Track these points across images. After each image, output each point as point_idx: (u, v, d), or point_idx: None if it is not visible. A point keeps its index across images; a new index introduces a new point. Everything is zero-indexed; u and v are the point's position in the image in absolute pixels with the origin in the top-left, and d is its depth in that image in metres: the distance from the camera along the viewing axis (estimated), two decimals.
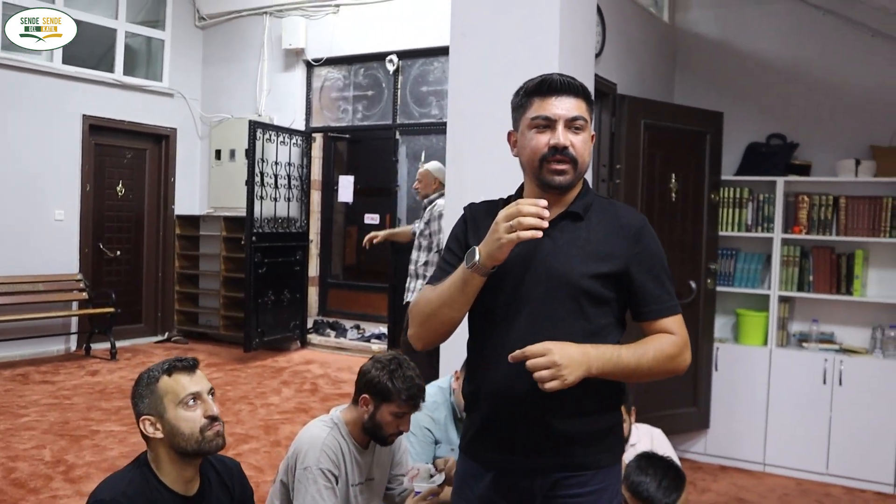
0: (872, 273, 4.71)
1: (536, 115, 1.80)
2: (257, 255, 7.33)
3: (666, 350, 1.77)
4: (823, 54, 4.85)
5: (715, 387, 4.82)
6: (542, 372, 1.61)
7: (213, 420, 1.98)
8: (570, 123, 1.78)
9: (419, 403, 2.55)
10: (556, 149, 1.77)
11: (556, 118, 1.78)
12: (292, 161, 7.95)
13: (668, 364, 1.78)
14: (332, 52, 8.02)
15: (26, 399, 5.77)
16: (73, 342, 7.74)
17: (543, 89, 1.81)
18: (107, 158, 8.12)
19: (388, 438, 2.56)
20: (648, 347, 1.77)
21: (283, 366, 7.23)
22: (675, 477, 2.59)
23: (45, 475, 4.20)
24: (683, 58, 5.27)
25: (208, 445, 1.98)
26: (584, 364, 1.65)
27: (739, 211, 4.86)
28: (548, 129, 1.79)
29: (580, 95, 1.81)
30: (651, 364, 1.75)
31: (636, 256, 1.80)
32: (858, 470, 4.49)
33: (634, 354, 1.74)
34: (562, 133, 1.77)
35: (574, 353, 1.65)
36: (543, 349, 1.63)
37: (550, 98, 1.79)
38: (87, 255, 7.84)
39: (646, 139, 4.43)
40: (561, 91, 1.79)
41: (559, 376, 1.61)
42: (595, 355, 1.68)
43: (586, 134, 1.81)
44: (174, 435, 1.95)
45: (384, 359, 2.58)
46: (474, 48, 3.65)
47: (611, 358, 1.70)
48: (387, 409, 2.50)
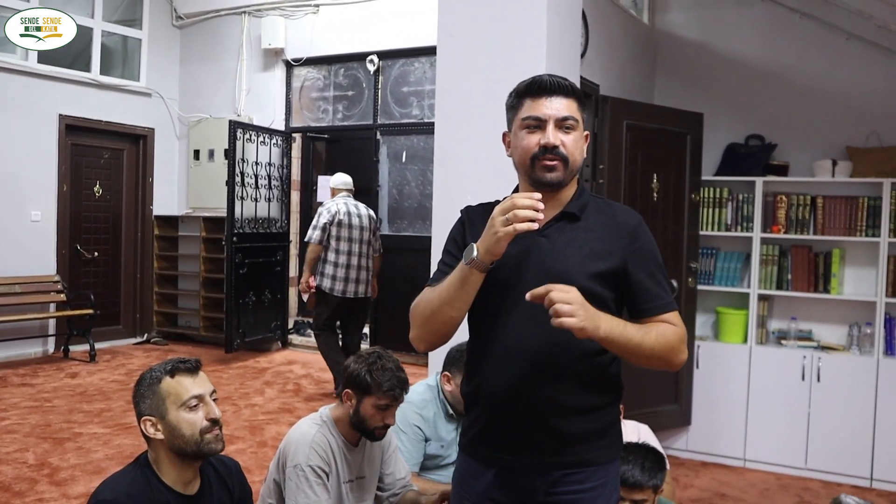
0: (849, 271, 4.80)
1: (527, 115, 1.84)
2: (238, 256, 7.30)
3: (668, 337, 1.80)
4: (801, 56, 4.94)
5: (696, 384, 4.89)
6: (562, 305, 1.60)
7: (214, 423, 1.99)
8: (561, 123, 1.82)
9: (400, 395, 2.55)
10: (547, 148, 1.80)
11: (546, 118, 1.81)
12: (272, 161, 7.93)
13: (668, 352, 1.80)
14: (312, 52, 8.00)
15: (6, 402, 5.71)
16: (50, 344, 7.67)
17: (534, 90, 1.85)
18: (84, 159, 8.05)
19: (375, 432, 2.57)
20: (652, 330, 1.79)
21: (265, 366, 7.22)
22: (655, 458, 2.64)
23: (30, 478, 4.17)
24: (663, 59, 5.34)
25: (208, 448, 1.99)
26: (596, 318, 1.66)
27: (719, 210, 4.93)
28: (538, 129, 1.82)
29: (571, 95, 1.85)
30: (653, 346, 1.76)
31: (633, 254, 1.84)
32: (836, 464, 4.58)
33: (639, 332, 1.76)
34: (552, 133, 1.81)
35: (590, 307, 1.66)
36: (569, 287, 1.65)
37: (541, 98, 1.83)
38: (64, 257, 7.77)
39: (628, 139, 4.48)
40: (551, 91, 1.83)
41: (577, 314, 1.61)
42: (605, 318, 1.69)
43: (577, 133, 1.84)
44: (174, 437, 1.96)
45: (365, 353, 2.61)
46: (461, 49, 3.67)
47: (618, 325, 1.72)
48: (369, 402, 2.52)
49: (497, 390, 1.84)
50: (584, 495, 1.84)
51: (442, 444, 3.17)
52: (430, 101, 7.40)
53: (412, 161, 7.73)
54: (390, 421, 2.57)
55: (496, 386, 1.85)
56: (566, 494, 1.84)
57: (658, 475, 2.58)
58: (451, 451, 3.18)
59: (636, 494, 2.47)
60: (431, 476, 3.12)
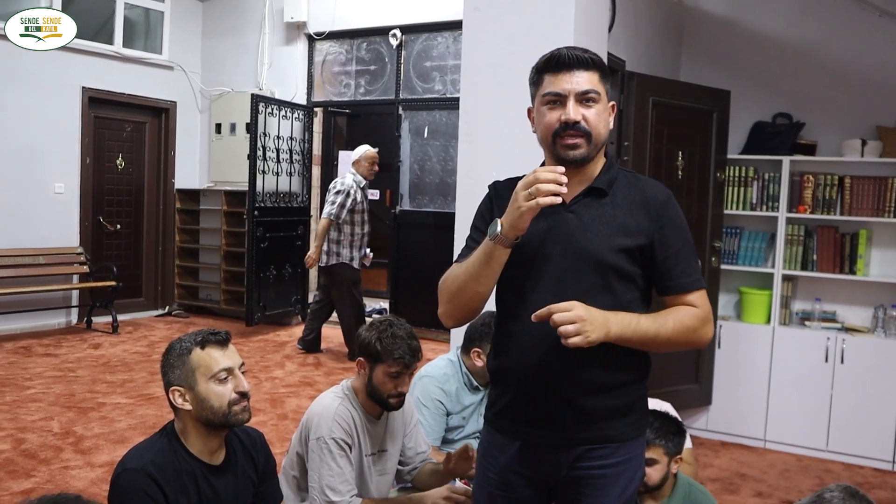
0: (875, 253, 4.74)
1: (547, 91, 1.81)
2: (259, 230, 7.32)
3: (686, 322, 1.79)
4: (831, 33, 4.85)
5: (717, 364, 4.86)
6: (567, 327, 1.63)
7: (243, 396, 2.00)
8: (582, 97, 1.79)
9: (411, 362, 2.52)
10: (567, 124, 1.78)
11: (566, 93, 1.78)
12: (294, 136, 7.93)
13: (689, 336, 1.80)
14: (335, 25, 7.97)
15: (31, 371, 5.79)
16: (73, 315, 7.75)
17: (552, 65, 1.82)
18: (106, 131, 8.08)
19: (390, 401, 2.54)
20: (668, 318, 1.78)
21: (286, 340, 7.26)
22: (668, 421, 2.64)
23: (55, 446, 4.23)
24: (690, 35, 5.27)
25: (235, 419, 2.00)
26: (604, 325, 1.68)
27: (744, 189, 4.88)
28: (559, 105, 1.80)
29: (591, 67, 1.81)
30: (670, 334, 1.77)
31: (660, 231, 1.82)
32: (858, 446, 4.55)
33: (654, 324, 1.76)
34: (572, 108, 1.78)
35: (596, 314, 1.68)
36: (569, 305, 1.66)
37: (560, 73, 1.80)
38: (87, 229, 7.83)
39: (653, 117, 4.43)
40: (570, 65, 1.79)
41: (583, 332, 1.64)
42: (614, 320, 1.71)
43: (600, 106, 1.81)
44: (203, 408, 1.97)
45: (377, 321, 2.60)
46: (488, 23, 3.63)
47: (629, 324, 1.73)
48: (380, 369, 2.51)
49: (522, 366, 1.84)
50: (608, 471, 1.84)
51: (464, 417, 3.18)
52: (453, 76, 7.35)
53: (434, 136, 7.69)
54: (403, 388, 2.54)
55: (521, 362, 1.84)
56: (589, 470, 1.83)
57: (672, 439, 2.57)
58: (470, 423, 3.19)
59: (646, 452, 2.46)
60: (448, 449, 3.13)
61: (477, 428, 3.17)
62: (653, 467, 2.53)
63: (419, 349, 2.56)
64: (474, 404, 3.19)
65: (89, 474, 3.88)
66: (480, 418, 3.16)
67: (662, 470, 2.57)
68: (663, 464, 2.57)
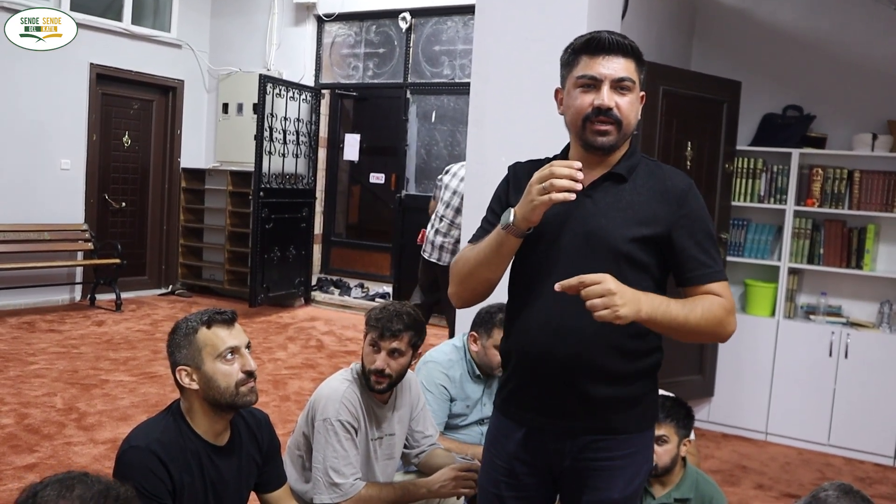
0: (883, 248, 4.73)
1: (582, 73, 1.76)
2: (264, 211, 7.32)
3: (715, 311, 1.73)
4: (843, 26, 4.81)
5: (721, 356, 4.86)
6: (595, 300, 1.56)
7: (250, 375, 2.00)
8: (617, 84, 1.74)
9: (386, 333, 2.45)
10: (600, 109, 1.74)
11: (602, 78, 1.74)
12: (301, 117, 7.91)
13: (715, 327, 1.75)
14: (344, 7, 7.94)
15: (34, 347, 5.80)
16: (77, 292, 7.76)
17: (592, 47, 1.76)
18: (113, 109, 8.07)
19: (371, 377, 2.48)
20: (697, 305, 1.73)
21: (288, 322, 7.27)
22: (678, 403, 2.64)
23: (58, 422, 4.24)
24: (701, 25, 5.23)
25: (242, 400, 1.99)
26: (636, 302, 1.60)
27: (753, 181, 4.86)
28: (593, 89, 1.75)
29: (630, 55, 1.76)
30: (698, 321, 1.71)
31: (679, 221, 1.78)
32: (859, 441, 4.55)
33: (683, 309, 1.70)
34: (607, 94, 1.74)
35: (627, 291, 1.60)
36: (600, 277, 1.58)
37: (598, 57, 1.75)
38: (92, 206, 7.83)
39: (663, 106, 4.40)
40: (609, 50, 1.75)
41: (612, 305, 1.55)
42: (646, 299, 1.63)
43: (633, 95, 1.78)
44: (209, 388, 1.97)
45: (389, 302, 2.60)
46: (500, 7, 3.60)
47: (660, 305, 1.66)
48: (366, 340, 2.50)
49: (530, 352, 1.82)
50: (613, 463, 1.82)
51: (467, 405, 3.18)
52: (462, 60, 7.32)
53: (441, 121, 7.67)
54: (379, 364, 2.46)
55: (530, 347, 1.82)
56: (594, 461, 1.82)
57: (682, 419, 2.58)
58: (474, 411, 3.19)
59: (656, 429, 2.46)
60: (453, 435, 3.14)
61: (481, 415, 3.18)
62: (663, 447, 2.52)
63: (404, 328, 2.47)
64: (478, 395, 3.19)
65: (92, 450, 3.89)
66: (485, 407, 3.17)
67: (672, 451, 2.56)
68: (673, 444, 2.56)
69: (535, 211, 1.65)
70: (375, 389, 2.52)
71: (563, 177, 1.60)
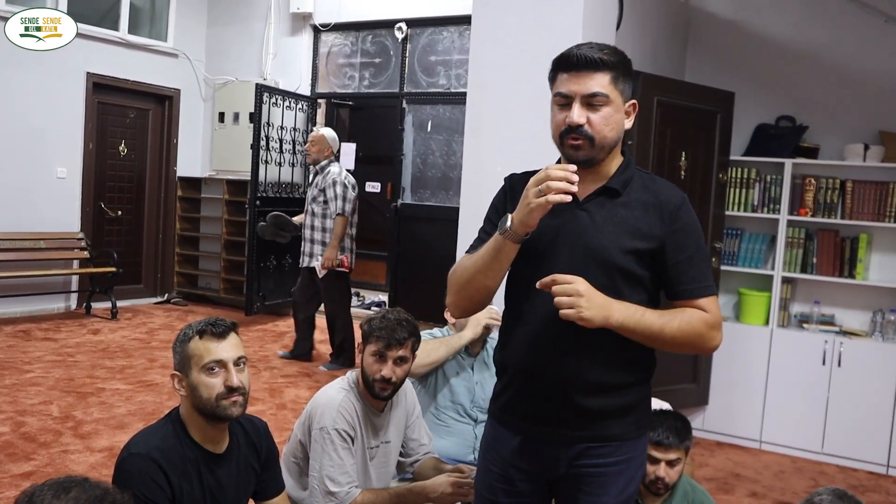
0: (875, 257, 4.76)
1: (557, 91, 1.81)
2: (261, 220, 7.32)
3: (694, 324, 1.77)
4: (836, 37, 4.86)
5: (715, 364, 4.88)
6: (562, 298, 1.65)
7: (232, 391, 1.99)
8: (587, 100, 1.76)
9: (392, 342, 2.48)
10: (571, 127, 1.77)
11: (572, 95, 1.77)
12: (297, 126, 7.93)
13: (694, 339, 1.79)
14: (340, 17, 7.97)
15: (30, 355, 5.80)
16: (73, 300, 7.76)
17: (563, 64, 1.80)
18: (109, 117, 8.08)
19: (375, 385, 2.51)
20: (676, 317, 1.76)
21: (284, 330, 7.27)
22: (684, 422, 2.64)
23: (55, 430, 4.25)
24: (696, 36, 5.27)
25: (224, 412, 1.99)
26: (605, 307, 1.67)
27: (746, 191, 4.90)
28: (567, 106, 1.78)
29: (602, 69, 1.76)
30: (675, 333, 1.74)
31: (672, 235, 1.80)
32: (853, 450, 4.58)
33: (660, 319, 1.74)
34: (577, 111, 1.75)
35: (598, 296, 1.68)
36: (573, 278, 1.67)
37: (570, 73, 1.78)
38: (88, 214, 7.83)
39: (657, 116, 4.44)
40: (579, 66, 1.76)
41: (577, 306, 1.64)
42: (619, 307, 1.70)
43: (609, 108, 1.77)
44: (194, 396, 1.99)
45: (384, 310, 2.62)
46: (496, 18, 3.64)
47: (634, 314, 1.71)
48: (368, 350, 2.52)
49: (525, 362, 1.85)
50: (608, 469, 1.85)
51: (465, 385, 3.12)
52: (458, 70, 7.36)
53: (437, 131, 7.70)
54: (385, 373, 2.49)
55: (524, 358, 1.85)
56: (589, 468, 1.84)
57: (689, 437, 2.60)
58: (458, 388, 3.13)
59: (671, 454, 2.48)
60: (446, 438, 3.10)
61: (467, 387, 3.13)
62: (675, 468, 2.54)
63: (407, 337, 2.52)
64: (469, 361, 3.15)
65: (88, 459, 3.90)
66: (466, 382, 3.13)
67: (681, 469, 2.59)
68: (683, 461, 2.59)
69: (533, 214, 1.66)
70: (382, 397, 2.55)
71: (559, 179, 1.62)
